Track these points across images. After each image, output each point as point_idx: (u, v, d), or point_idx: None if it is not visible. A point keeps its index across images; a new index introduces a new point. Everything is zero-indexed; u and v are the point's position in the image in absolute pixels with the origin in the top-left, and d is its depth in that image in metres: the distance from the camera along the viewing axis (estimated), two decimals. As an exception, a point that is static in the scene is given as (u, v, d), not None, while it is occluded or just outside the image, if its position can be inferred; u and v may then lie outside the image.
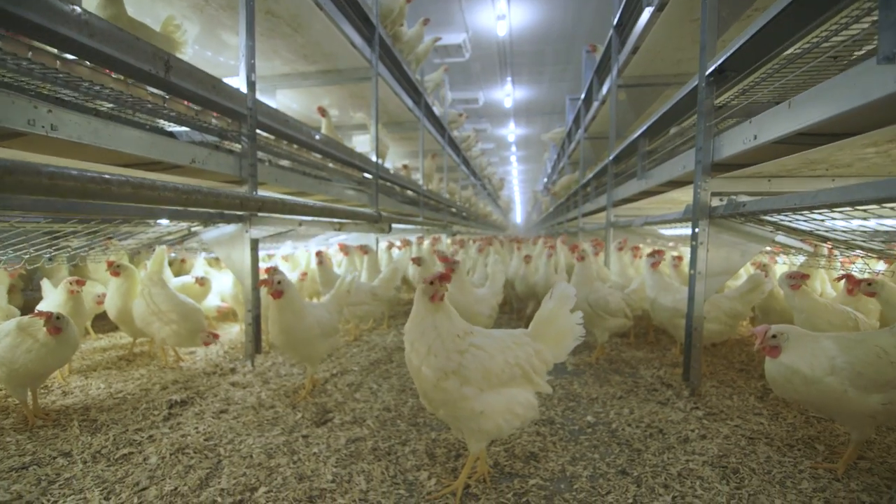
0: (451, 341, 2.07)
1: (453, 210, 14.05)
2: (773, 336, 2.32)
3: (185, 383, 3.58)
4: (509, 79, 19.05)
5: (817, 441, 2.64)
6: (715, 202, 3.15)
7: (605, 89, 6.97)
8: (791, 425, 2.84)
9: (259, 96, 5.34)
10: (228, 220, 3.72)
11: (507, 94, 20.05)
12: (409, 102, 8.99)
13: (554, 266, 5.72)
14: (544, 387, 2.29)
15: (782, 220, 2.80)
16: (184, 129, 3.70)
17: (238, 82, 3.79)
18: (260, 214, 3.94)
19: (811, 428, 2.81)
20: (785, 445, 2.58)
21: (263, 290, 4.48)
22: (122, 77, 2.83)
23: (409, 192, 9.52)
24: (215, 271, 5.59)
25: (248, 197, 3.15)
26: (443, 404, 2.08)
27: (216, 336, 3.71)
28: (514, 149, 29.97)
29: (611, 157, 6.08)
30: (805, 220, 2.60)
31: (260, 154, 4.49)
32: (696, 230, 3.18)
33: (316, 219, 4.05)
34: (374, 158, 6.75)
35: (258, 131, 4.23)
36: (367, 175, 6.74)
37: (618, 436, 2.73)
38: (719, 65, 2.93)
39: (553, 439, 2.69)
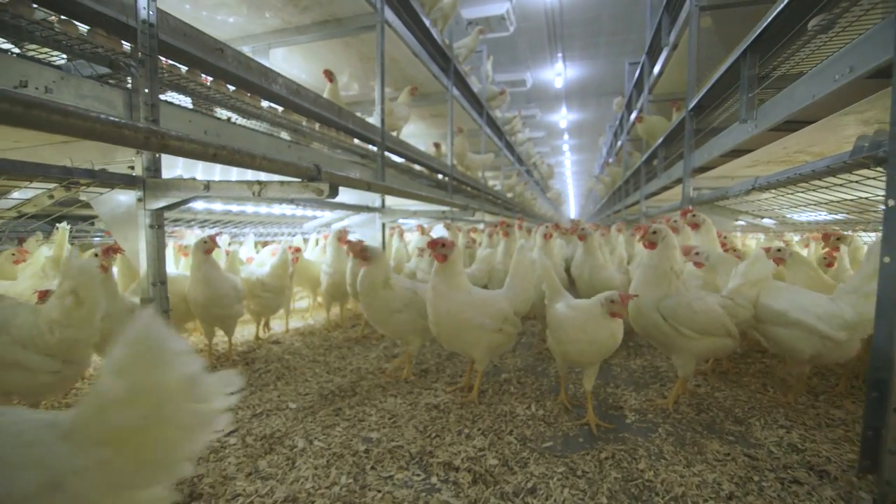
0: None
1: (491, 198, 12.53)
2: None
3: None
4: (560, 55, 17.13)
5: None
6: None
7: (679, 24, 5.23)
8: None
9: (257, 59, 4.27)
10: (105, 182, 2.53)
11: (558, 73, 18.05)
12: (434, 68, 7.63)
13: (616, 260, 4.12)
14: None
15: None
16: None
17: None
18: (165, 178, 2.74)
19: None
20: None
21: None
22: None
23: (438, 176, 8.20)
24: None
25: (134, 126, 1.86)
26: None
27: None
28: (566, 137, 27.70)
29: (689, 108, 4.38)
30: None
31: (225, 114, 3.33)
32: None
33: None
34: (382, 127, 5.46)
35: (169, 61, 3.05)
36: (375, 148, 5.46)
37: None
38: None
39: None
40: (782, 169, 2.85)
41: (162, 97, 3.00)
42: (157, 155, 2.74)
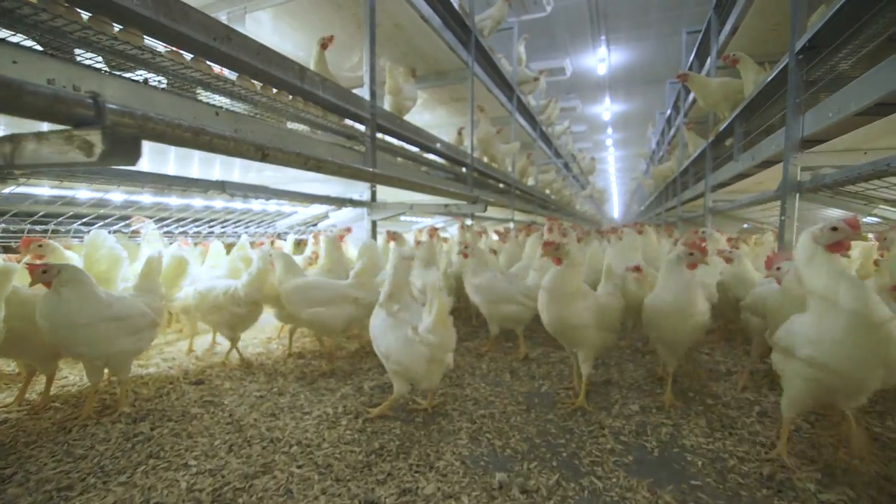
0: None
1: (523, 193, 11.17)
2: None
3: None
4: (603, 38, 15.53)
5: None
6: None
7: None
8: None
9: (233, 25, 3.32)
10: None
11: (601, 58, 16.41)
12: (450, 37, 6.42)
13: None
14: None
15: None
16: None
17: None
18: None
19: None
20: None
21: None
22: None
23: (452, 168, 7.01)
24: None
25: None
26: None
27: None
28: (610, 130, 25.78)
29: (796, 49, 2.96)
30: None
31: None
32: None
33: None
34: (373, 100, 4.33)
35: None
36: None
37: None
38: None
39: None
40: None
41: None
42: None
